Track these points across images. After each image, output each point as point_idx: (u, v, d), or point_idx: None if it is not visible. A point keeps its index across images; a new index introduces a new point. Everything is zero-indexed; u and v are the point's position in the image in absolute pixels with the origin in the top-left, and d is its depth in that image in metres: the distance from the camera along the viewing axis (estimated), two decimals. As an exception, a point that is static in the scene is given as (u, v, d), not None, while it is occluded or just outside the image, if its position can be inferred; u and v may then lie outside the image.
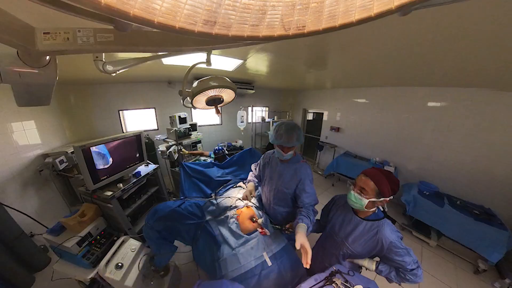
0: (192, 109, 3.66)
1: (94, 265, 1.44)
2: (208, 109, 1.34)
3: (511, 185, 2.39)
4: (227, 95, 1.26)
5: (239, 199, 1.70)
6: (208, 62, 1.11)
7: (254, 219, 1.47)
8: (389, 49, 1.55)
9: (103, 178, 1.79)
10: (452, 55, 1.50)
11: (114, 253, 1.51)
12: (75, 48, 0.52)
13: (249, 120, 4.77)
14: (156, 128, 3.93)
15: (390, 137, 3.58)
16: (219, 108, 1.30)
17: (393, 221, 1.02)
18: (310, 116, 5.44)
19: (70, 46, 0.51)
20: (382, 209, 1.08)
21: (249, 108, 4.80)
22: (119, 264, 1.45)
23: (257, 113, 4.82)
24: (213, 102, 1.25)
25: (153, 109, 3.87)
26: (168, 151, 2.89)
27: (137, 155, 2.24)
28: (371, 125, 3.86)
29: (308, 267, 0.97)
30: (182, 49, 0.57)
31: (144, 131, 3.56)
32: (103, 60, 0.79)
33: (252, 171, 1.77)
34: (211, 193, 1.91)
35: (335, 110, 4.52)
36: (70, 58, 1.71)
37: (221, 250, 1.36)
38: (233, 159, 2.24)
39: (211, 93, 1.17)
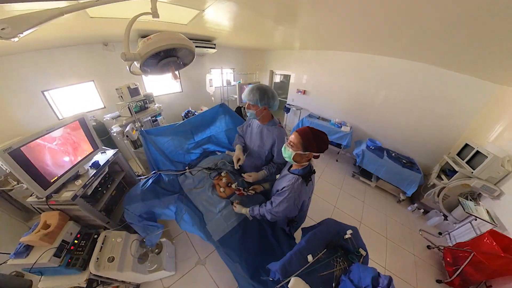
0: (144, 76, 3.04)
1: (84, 268, 1.40)
2: (163, 74, 1.14)
3: (429, 142, 3.17)
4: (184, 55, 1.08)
5: (214, 169, 1.80)
6: (154, 13, 0.88)
7: (230, 184, 1.63)
8: (358, 12, 1.51)
9: (53, 180, 1.51)
10: (411, 28, 1.58)
11: (100, 250, 1.49)
12: None
13: (218, 84, 4.38)
14: (102, 106, 3.15)
15: (349, 101, 3.94)
16: (176, 73, 1.14)
17: (307, 180, 1.15)
18: (277, 78, 5.30)
19: None
20: (311, 168, 1.20)
21: (218, 71, 4.31)
22: (111, 257, 1.46)
23: (222, 76, 4.37)
24: (168, 65, 1.06)
25: (92, 82, 2.98)
26: (125, 131, 2.52)
27: (88, 143, 1.90)
28: (334, 89, 4.09)
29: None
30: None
31: (88, 112, 2.84)
32: (-12, 17, 0.53)
33: (238, 133, 1.78)
34: (185, 167, 1.88)
35: (302, 72, 4.50)
36: None
37: (206, 216, 1.50)
38: (204, 113, 2.08)
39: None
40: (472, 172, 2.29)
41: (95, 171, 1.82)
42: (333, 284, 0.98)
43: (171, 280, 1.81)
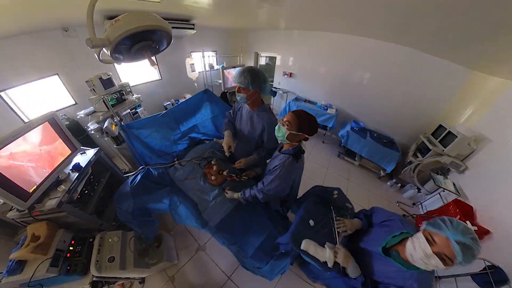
0: (116, 64, 2.74)
1: (85, 272, 1.40)
2: (138, 61, 1.04)
3: (408, 123, 3.38)
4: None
5: (203, 158, 1.76)
6: None
7: (221, 171, 1.64)
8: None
9: (32, 190, 1.40)
10: (397, 9, 1.57)
11: (99, 252, 1.47)
12: None
13: (200, 69, 4.09)
14: (73, 102, 2.82)
15: (334, 83, 3.96)
16: (153, 59, 1.05)
17: (297, 158, 1.20)
18: (263, 61, 5.08)
19: None
20: (300, 148, 1.23)
21: (199, 54, 3.99)
22: (111, 257, 1.46)
23: (204, 60, 4.08)
24: (143, 50, 0.95)
25: (56, 76, 2.59)
26: (103, 127, 2.34)
27: (64, 144, 1.74)
28: (320, 71, 4.06)
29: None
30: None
31: (58, 111, 2.54)
32: None
33: (227, 118, 1.74)
34: (173, 159, 1.84)
35: (288, 54, 4.36)
36: None
37: (200, 206, 1.52)
38: (188, 101, 1.97)
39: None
40: (443, 150, 2.54)
41: (77, 174, 1.72)
42: (335, 235, 1.14)
43: (175, 268, 1.89)
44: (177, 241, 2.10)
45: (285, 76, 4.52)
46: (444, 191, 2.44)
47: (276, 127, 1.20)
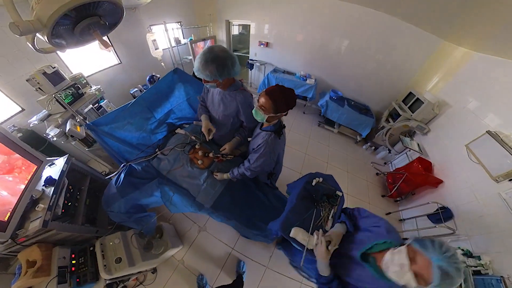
0: (60, 51, 2.25)
1: (97, 278, 1.44)
2: (86, 44, 0.88)
3: (382, 91, 3.54)
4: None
5: (187, 143, 1.71)
6: None
7: (207, 154, 1.64)
8: None
9: (7, 217, 1.29)
10: None
11: (104, 257, 1.49)
12: None
13: (165, 45, 3.56)
14: (19, 109, 2.27)
15: (313, 52, 3.82)
16: (105, 39, 0.90)
17: (279, 135, 1.24)
18: (236, 30, 4.54)
19: None
20: (281, 123, 1.26)
21: (161, 27, 3.39)
22: (117, 259, 1.49)
23: (168, 33, 3.53)
24: (90, 29, 0.79)
25: None
26: (66, 131, 2.07)
27: (25, 160, 1.54)
28: (298, 39, 3.83)
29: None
30: None
31: (3, 123, 2.10)
32: None
33: (199, 100, 1.63)
34: (155, 149, 1.75)
35: (262, 21, 3.94)
36: None
37: (192, 191, 1.56)
38: (157, 85, 1.77)
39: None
40: (412, 115, 2.81)
41: (52, 188, 1.58)
42: (323, 224, 1.21)
43: (182, 252, 2.02)
44: (178, 227, 2.18)
45: (261, 46, 4.19)
46: (410, 150, 2.80)
47: (254, 112, 1.18)
